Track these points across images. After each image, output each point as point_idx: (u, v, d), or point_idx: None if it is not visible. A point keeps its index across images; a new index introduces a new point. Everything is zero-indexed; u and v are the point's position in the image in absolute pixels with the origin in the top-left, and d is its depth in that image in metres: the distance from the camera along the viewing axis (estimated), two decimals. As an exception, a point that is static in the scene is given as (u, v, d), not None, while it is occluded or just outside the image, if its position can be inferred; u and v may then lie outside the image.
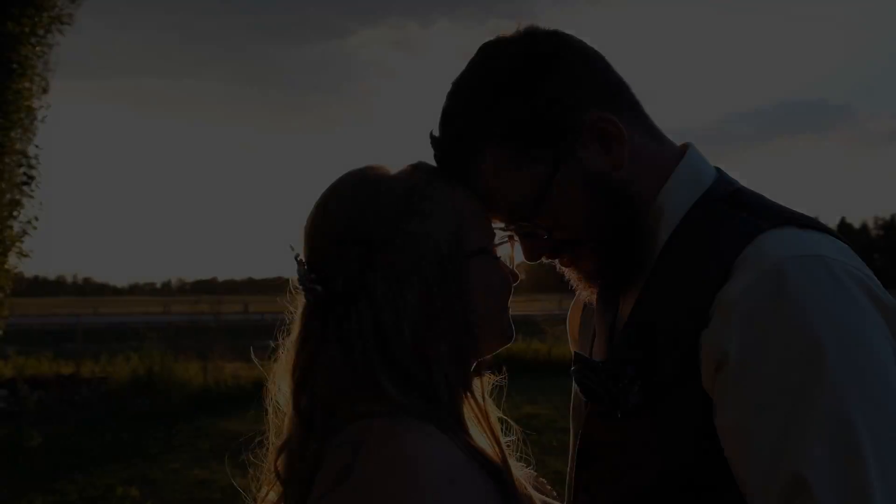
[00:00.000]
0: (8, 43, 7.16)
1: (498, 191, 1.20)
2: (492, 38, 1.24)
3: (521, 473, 1.17)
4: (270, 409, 1.18)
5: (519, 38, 1.21)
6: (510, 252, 1.27)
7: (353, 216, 1.12)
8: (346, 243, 1.11)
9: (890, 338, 1.01)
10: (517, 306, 1.30)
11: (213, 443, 8.85)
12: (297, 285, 1.16)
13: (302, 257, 1.16)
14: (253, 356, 1.33)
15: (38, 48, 7.92)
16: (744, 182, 1.24)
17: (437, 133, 1.24)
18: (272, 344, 1.21)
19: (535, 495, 1.14)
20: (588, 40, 1.24)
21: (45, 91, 8.72)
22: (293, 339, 1.16)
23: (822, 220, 1.16)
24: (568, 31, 1.23)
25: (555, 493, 1.28)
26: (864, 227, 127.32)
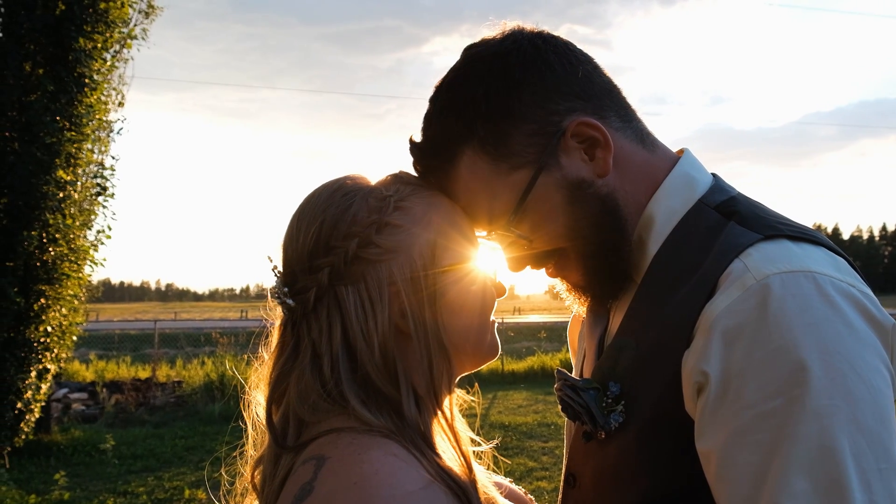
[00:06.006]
0: (79, 59, 7.44)
1: (477, 198, 1.15)
2: (475, 41, 1.18)
3: (493, 489, 1.12)
4: (249, 422, 1.17)
5: (500, 41, 1.15)
6: (494, 264, 1.22)
7: (326, 228, 1.09)
8: (318, 256, 1.08)
9: (886, 359, 0.93)
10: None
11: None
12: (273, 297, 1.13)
13: (280, 269, 1.13)
14: (229, 366, 1.29)
15: (109, 63, 8.22)
16: (821, 182, 1.10)
17: (417, 138, 1.19)
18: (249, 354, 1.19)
19: None
20: (661, 41, 1.12)
21: (121, 104, 9.07)
22: (271, 351, 1.15)
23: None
24: (641, 34, 1.13)
25: None
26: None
